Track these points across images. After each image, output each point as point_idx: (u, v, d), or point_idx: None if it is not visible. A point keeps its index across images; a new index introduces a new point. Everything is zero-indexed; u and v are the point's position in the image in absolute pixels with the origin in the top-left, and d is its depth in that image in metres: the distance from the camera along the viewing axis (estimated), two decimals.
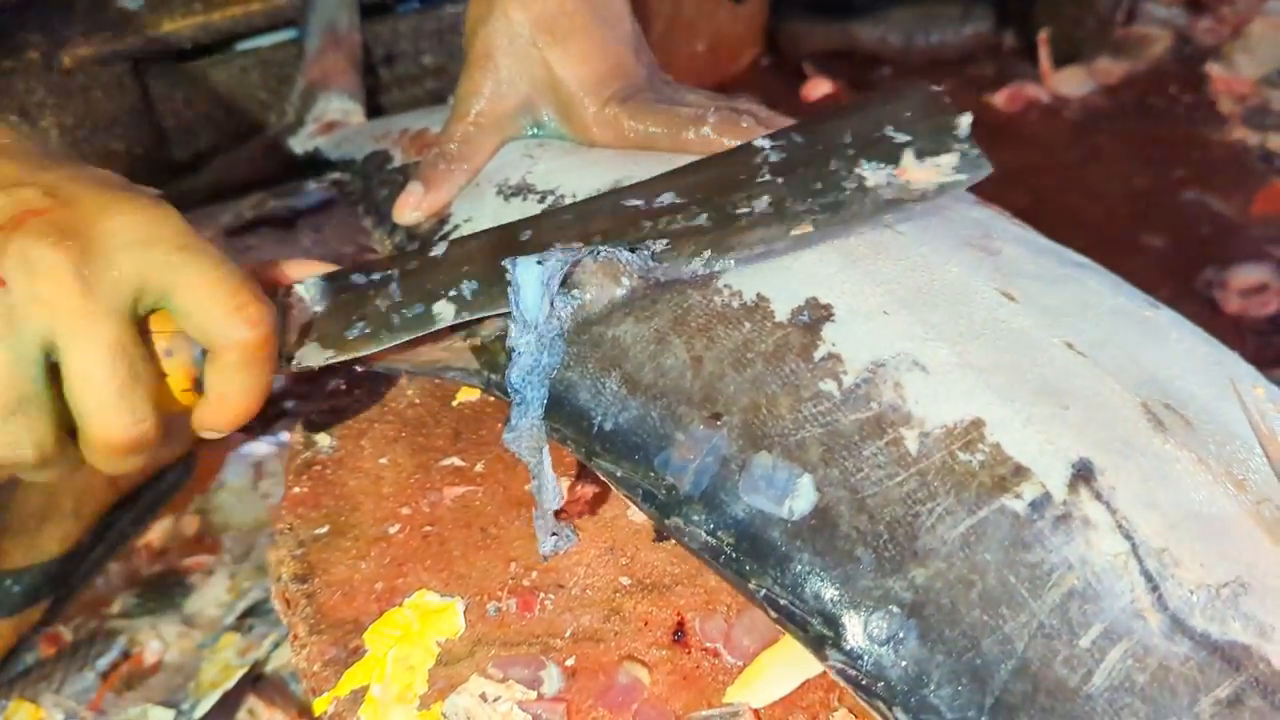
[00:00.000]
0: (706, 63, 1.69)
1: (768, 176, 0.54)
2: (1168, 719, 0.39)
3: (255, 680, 0.79)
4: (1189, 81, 1.59)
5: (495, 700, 0.49)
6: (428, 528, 0.56)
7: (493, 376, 0.54)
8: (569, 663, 0.50)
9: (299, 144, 0.92)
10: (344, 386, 0.65)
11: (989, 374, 0.47)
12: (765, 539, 0.45)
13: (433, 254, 0.56)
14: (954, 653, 0.41)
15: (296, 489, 0.59)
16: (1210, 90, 1.56)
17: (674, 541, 0.55)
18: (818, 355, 0.48)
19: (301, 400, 1.11)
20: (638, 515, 0.56)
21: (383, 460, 0.60)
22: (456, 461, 0.60)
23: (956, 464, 0.44)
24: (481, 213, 0.63)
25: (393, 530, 0.57)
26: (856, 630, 0.43)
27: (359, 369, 0.60)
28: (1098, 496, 0.43)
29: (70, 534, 0.94)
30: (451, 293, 0.53)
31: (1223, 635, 0.40)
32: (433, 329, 0.53)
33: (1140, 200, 1.37)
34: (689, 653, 0.51)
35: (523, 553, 0.55)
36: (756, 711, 0.48)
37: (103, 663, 0.89)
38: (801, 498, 0.45)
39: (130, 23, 0.93)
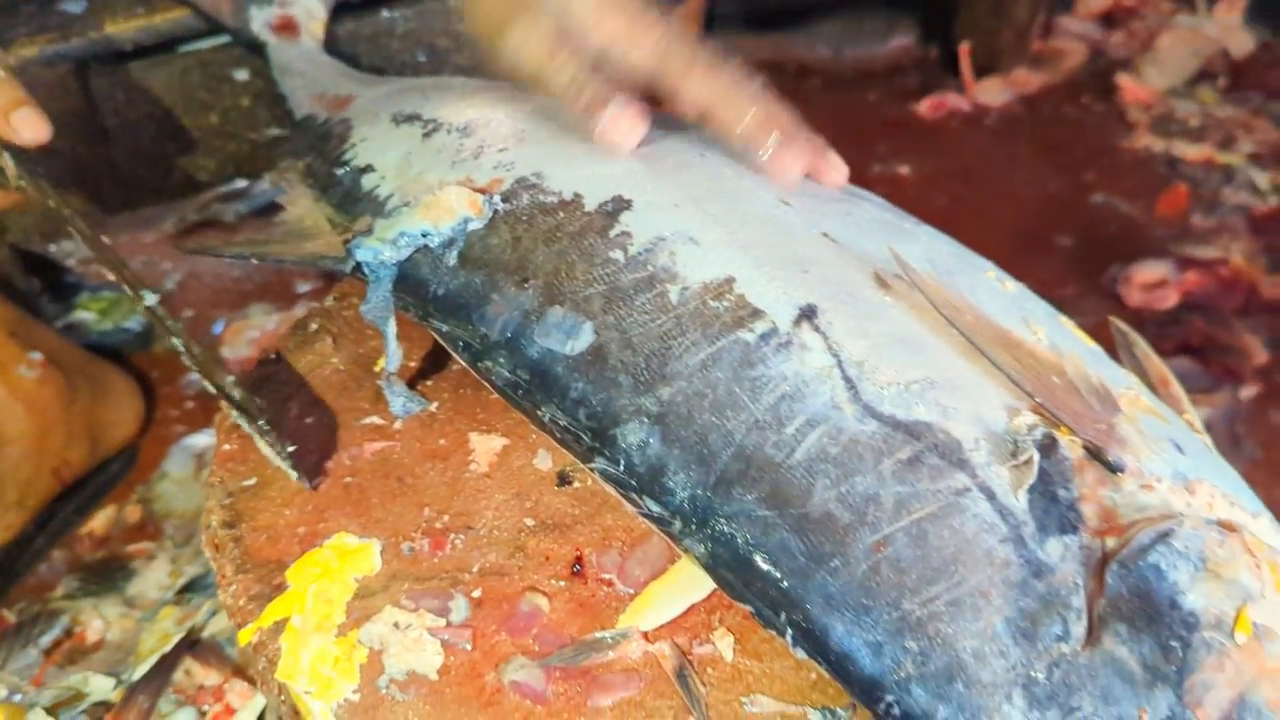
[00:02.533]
0: None
1: None
2: (854, 476, 0.48)
3: (192, 645, 0.82)
4: (1101, 92, 1.67)
5: (407, 628, 0.53)
6: (348, 479, 0.61)
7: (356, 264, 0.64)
8: (476, 594, 0.55)
9: (255, 22, 0.99)
10: (273, 356, 0.69)
11: (749, 248, 0.56)
12: (551, 374, 0.55)
13: None
14: (687, 447, 0.51)
15: (226, 446, 0.63)
16: (1120, 100, 1.64)
17: (575, 485, 0.60)
18: (613, 233, 0.58)
19: (234, 368, 1.15)
20: (542, 464, 0.61)
21: (308, 420, 0.65)
22: (376, 420, 0.64)
23: (706, 309, 0.54)
24: (376, 134, 0.74)
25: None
26: (615, 439, 0.53)
27: (254, 261, 0.75)
28: (816, 329, 0.52)
29: (14, 523, 0.96)
30: None
31: (908, 416, 0.49)
32: None
33: (1053, 203, 1.44)
34: (586, 584, 0.55)
35: (436, 499, 0.59)
36: (645, 633, 0.53)
37: (45, 640, 0.91)
38: (581, 339, 0.55)
39: (74, 25, 0.97)
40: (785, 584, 0.48)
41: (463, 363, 0.60)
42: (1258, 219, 1.35)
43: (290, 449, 0.60)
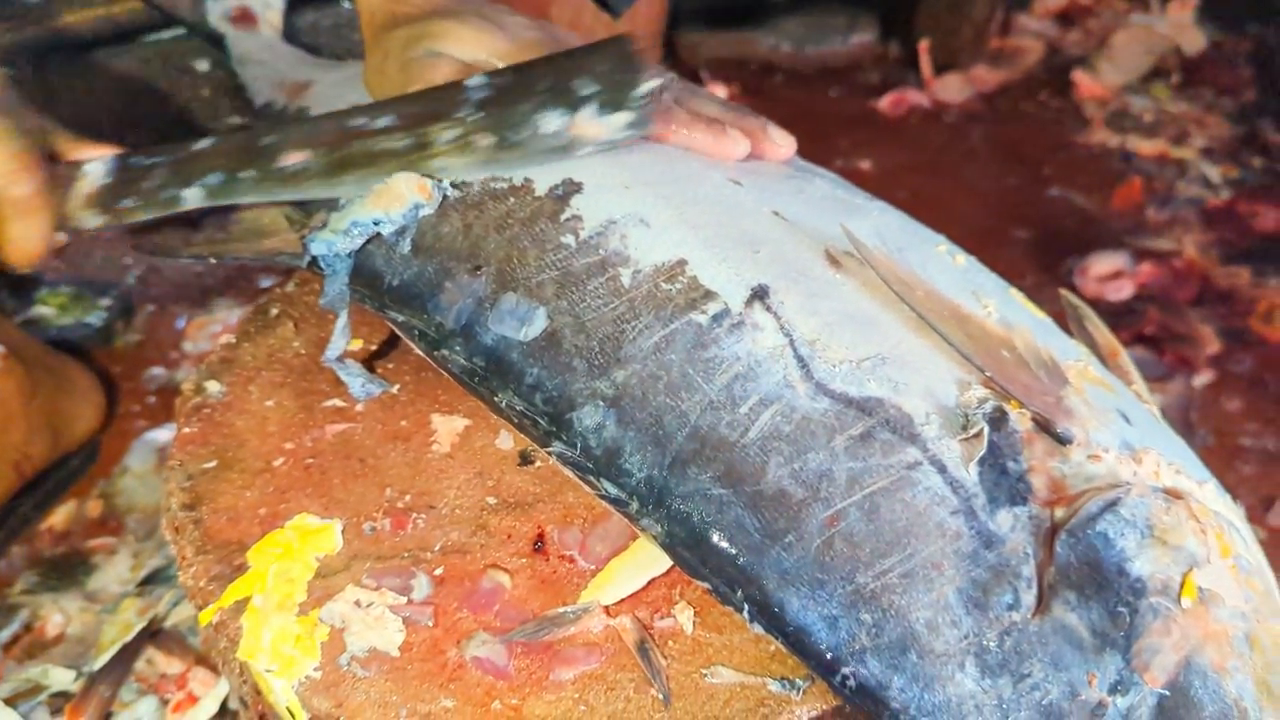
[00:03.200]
0: None
1: (467, 112, 0.61)
2: (808, 453, 0.49)
3: (154, 634, 0.81)
4: (1057, 88, 1.69)
5: (369, 606, 0.53)
6: (309, 460, 0.61)
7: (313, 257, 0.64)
8: (438, 572, 0.55)
9: (212, 14, 0.98)
10: (233, 339, 0.69)
11: (700, 229, 0.57)
12: (507, 360, 0.56)
13: (196, 147, 0.64)
14: (642, 429, 0.52)
15: (186, 429, 0.63)
16: (1076, 96, 1.66)
17: (537, 465, 0.61)
18: (563, 217, 0.58)
19: (196, 362, 1.14)
20: (504, 444, 0.62)
21: (269, 403, 0.65)
22: (338, 403, 0.64)
23: (659, 292, 0.54)
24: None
25: (277, 463, 0.61)
26: (571, 423, 0.53)
27: (213, 261, 0.73)
28: (768, 309, 0.53)
29: None
30: (202, 181, 0.62)
31: (860, 392, 0.50)
32: (180, 209, 0.63)
33: (1011, 196, 1.47)
34: (547, 560, 0.56)
35: (398, 479, 0.60)
36: (607, 608, 0.53)
37: (3, 634, 0.90)
38: (535, 325, 0.55)
39: (31, 14, 0.96)
40: (741, 560, 0.49)
41: (419, 352, 0.61)
42: (1210, 212, 1.38)
43: None
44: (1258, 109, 1.60)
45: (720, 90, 1.73)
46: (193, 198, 0.62)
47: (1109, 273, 1.28)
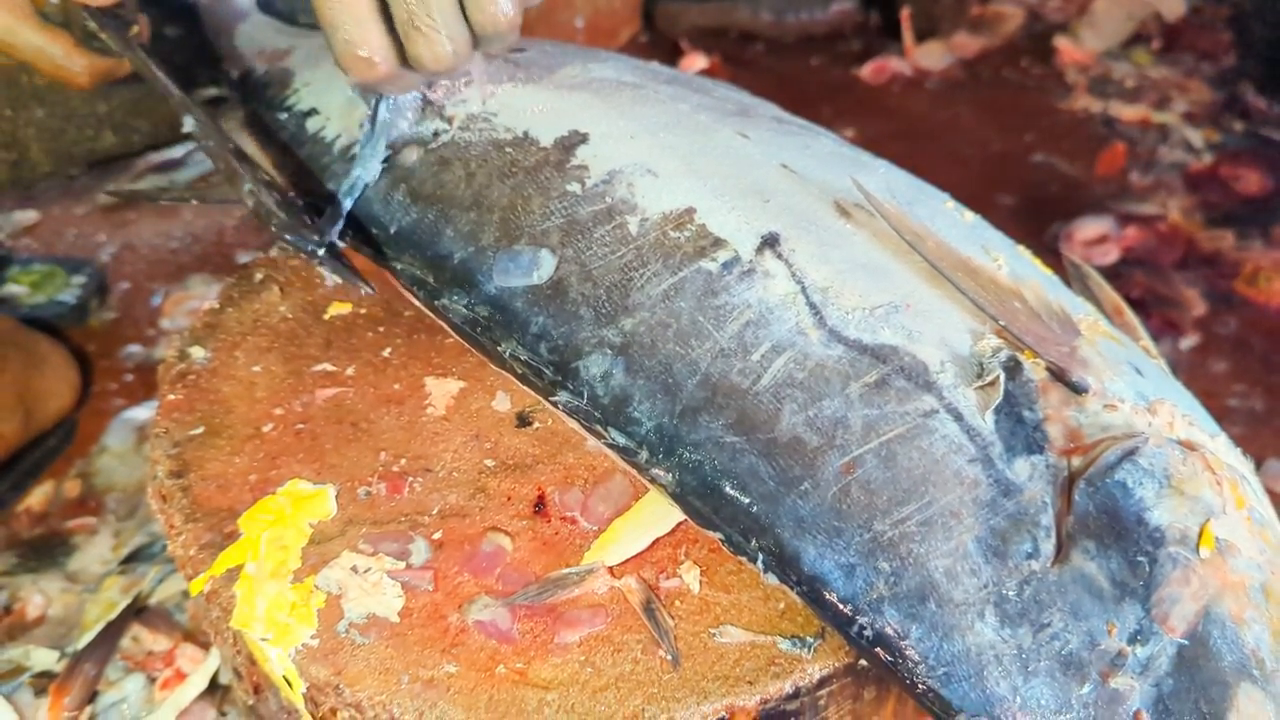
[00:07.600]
0: (585, 39, 1.73)
1: None
2: (821, 400, 0.48)
3: (139, 611, 0.80)
4: (1039, 55, 1.69)
5: (366, 571, 0.52)
6: (300, 425, 0.59)
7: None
8: (436, 536, 0.54)
9: None
10: (217, 305, 0.67)
11: (708, 178, 0.56)
12: (511, 309, 0.54)
13: None
14: (651, 377, 0.51)
15: (171, 396, 0.61)
16: (1058, 63, 1.66)
17: (535, 426, 0.59)
18: (569, 166, 0.57)
19: (172, 335, 1.12)
20: (501, 406, 0.60)
21: (256, 368, 0.63)
22: (328, 367, 0.62)
23: (667, 240, 0.53)
24: (318, 77, 0.73)
25: (267, 429, 0.59)
26: (578, 372, 0.52)
27: (194, 203, 0.86)
28: (779, 256, 0.52)
29: None
30: None
31: (874, 340, 0.49)
32: None
33: (995, 163, 1.46)
34: (549, 522, 0.55)
35: (392, 443, 0.58)
36: (611, 569, 0.52)
37: None
38: (540, 272, 0.54)
39: None
40: (755, 509, 0.48)
41: (418, 303, 0.59)
42: (1193, 176, 1.38)
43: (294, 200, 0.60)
44: (1237, 73, 1.60)
45: (701, 60, 1.71)
46: None
47: (1094, 237, 1.28)
